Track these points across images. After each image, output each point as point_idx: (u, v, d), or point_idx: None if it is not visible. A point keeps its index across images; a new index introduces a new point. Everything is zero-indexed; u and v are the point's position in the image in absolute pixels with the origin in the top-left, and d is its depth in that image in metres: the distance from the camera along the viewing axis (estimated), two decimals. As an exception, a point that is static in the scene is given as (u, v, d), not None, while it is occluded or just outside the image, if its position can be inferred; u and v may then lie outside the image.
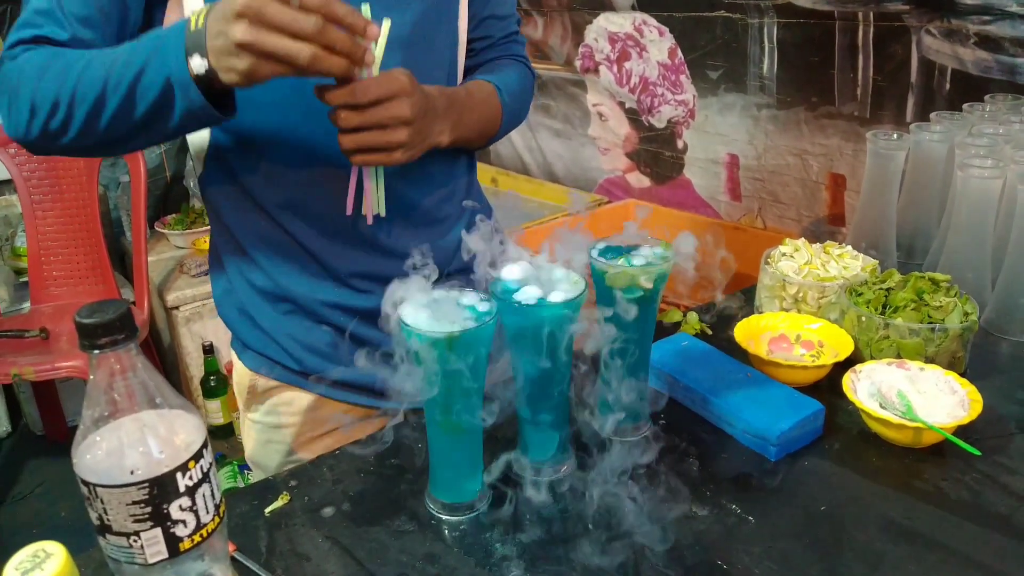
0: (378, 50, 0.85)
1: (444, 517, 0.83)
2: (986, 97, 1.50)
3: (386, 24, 0.84)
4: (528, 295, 0.80)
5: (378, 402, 1.02)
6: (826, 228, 2.10)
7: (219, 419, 2.66)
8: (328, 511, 0.85)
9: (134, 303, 2.45)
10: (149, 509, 0.60)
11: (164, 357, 2.72)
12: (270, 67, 0.74)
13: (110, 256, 2.58)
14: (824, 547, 0.79)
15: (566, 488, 0.87)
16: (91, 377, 0.61)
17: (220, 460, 2.42)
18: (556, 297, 0.80)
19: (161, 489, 0.60)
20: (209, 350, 2.56)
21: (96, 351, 0.59)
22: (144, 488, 0.59)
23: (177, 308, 2.53)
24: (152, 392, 0.61)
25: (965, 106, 1.45)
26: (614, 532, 0.80)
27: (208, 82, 0.76)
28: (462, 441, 0.82)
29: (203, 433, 0.63)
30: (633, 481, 0.88)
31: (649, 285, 0.85)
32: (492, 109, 1.03)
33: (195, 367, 2.61)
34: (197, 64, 0.76)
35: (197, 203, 3.02)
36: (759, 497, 0.86)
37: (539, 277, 0.83)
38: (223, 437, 2.67)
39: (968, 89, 1.73)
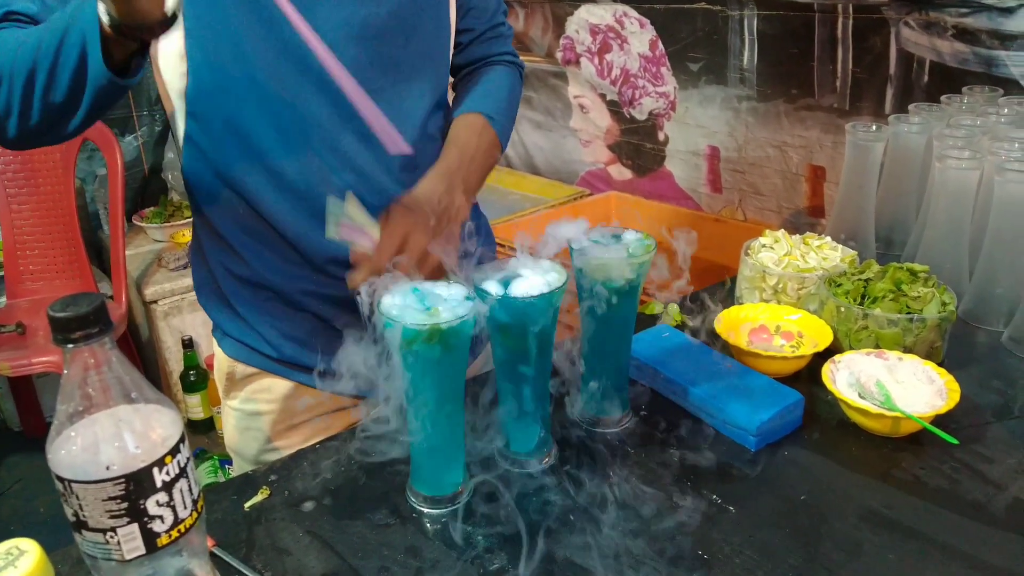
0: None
1: (426, 510, 0.83)
2: (964, 89, 1.51)
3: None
4: (509, 287, 0.80)
5: (358, 391, 1.01)
6: (806, 220, 2.11)
7: (199, 414, 2.64)
8: (308, 505, 0.84)
9: (112, 297, 2.42)
10: (125, 505, 0.59)
11: (143, 352, 2.70)
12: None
13: (87, 250, 2.55)
14: (804, 536, 0.79)
15: (547, 480, 0.87)
16: (65, 372, 0.60)
17: (201, 455, 2.40)
18: (536, 289, 0.80)
19: (137, 485, 0.59)
20: (188, 344, 2.54)
21: (70, 345, 0.58)
22: (120, 484, 0.58)
23: (156, 302, 2.51)
24: (128, 387, 0.61)
25: (943, 98, 1.46)
26: (595, 523, 0.81)
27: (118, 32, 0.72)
28: (444, 433, 0.81)
29: (180, 428, 0.63)
30: (614, 472, 0.88)
31: (632, 275, 0.85)
32: (491, 147, 1.05)
33: (174, 362, 2.59)
34: (101, 10, 0.72)
35: (175, 196, 2.99)
36: (739, 487, 0.86)
37: (520, 270, 0.82)
38: (203, 432, 2.66)
39: (946, 81, 1.74)
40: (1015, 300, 1.14)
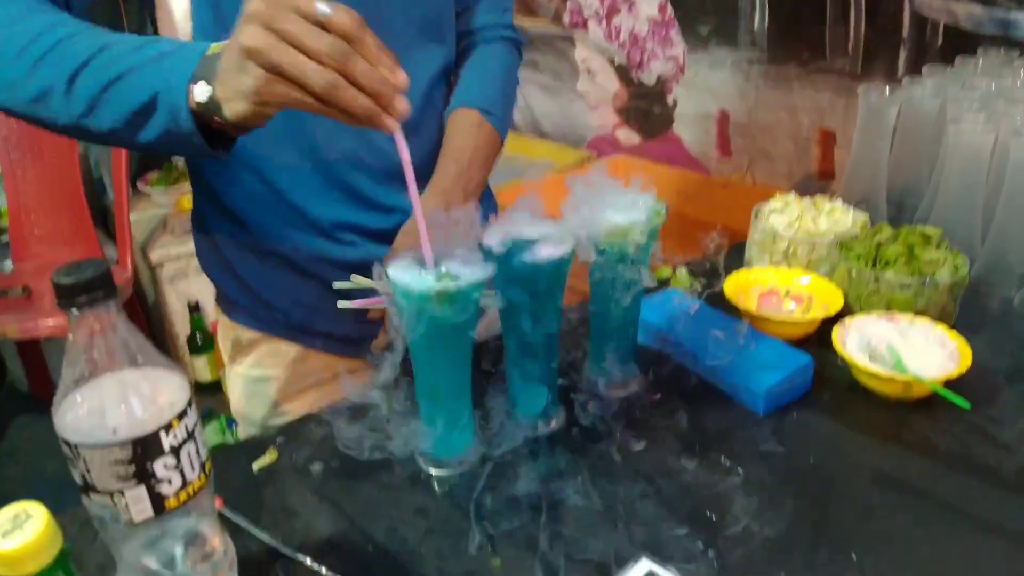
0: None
1: (434, 472, 0.83)
2: (978, 51, 1.48)
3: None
4: (520, 250, 0.79)
5: (366, 354, 1.01)
6: (816, 184, 2.08)
7: (206, 376, 2.66)
8: (317, 467, 0.84)
9: (117, 262, 2.42)
10: (133, 468, 0.59)
11: (149, 316, 2.70)
12: (281, 88, 0.61)
13: (92, 215, 2.54)
14: (813, 498, 0.79)
15: (556, 442, 0.87)
16: (70, 337, 0.59)
17: (208, 415, 2.41)
18: (547, 252, 0.79)
19: (145, 448, 0.59)
20: (195, 308, 2.54)
21: (75, 310, 0.58)
22: (127, 448, 0.58)
23: (161, 266, 2.50)
24: (133, 351, 0.60)
25: (958, 60, 1.43)
26: (603, 485, 0.80)
27: (209, 113, 0.67)
28: (452, 395, 0.81)
29: (187, 392, 0.62)
30: (621, 435, 0.88)
31: (642, 240, 0.84)
32: (490, 144, 1.01)
33: (181, 325, 2.60)
34: (200, 91, 0.66)
35: (179, 161, 2.97)
36: (748, 450, 0.86)
37: (527, 233, 0.81)
38: (210, 393, 2.67)
39: (960, 44, 1.71)
40: (1028, 264, 1.12)
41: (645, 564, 0.70)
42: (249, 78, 0.62)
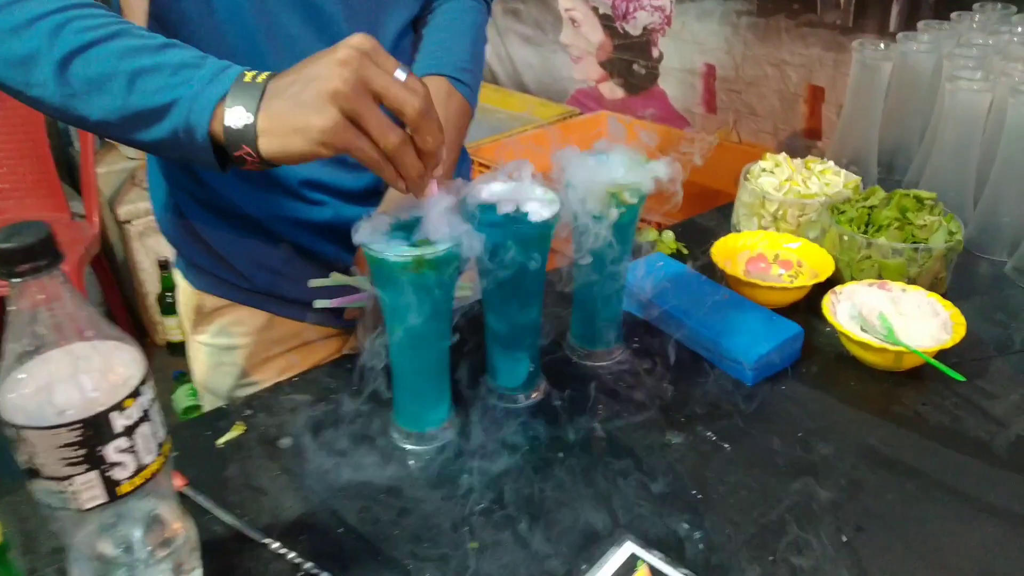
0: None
1: (409, 447, 0.79)
2: (974, 6, 1.43)
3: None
4: (499, 212, 0.75)
5: (338, 321, 0.96)
6: (802, 142, 2.04)
7: (178, 336, 2.60)
8: (285, 442, 0.80)
9: (83, 217, 2.35)
10: (83, 452, 0.54)
11: (118, 273, 2.63)
12: (351, 136, 0.61)
13: (58, 168, 2.45)
14: (801, 474, 0.76)
15: (537, 415, 0.83)
16: (12, 308, 0.54)
17: (180, 377, 2.36)
18: (529, 215, 0.74)
19: (95, 430, 0.54)
20: (165, 265, 2.47)
21: (16, 279, 0.53)
22: (76, 429, 0.54)
23: (130, 222, 2.43)
24: (82, 324, 0.55)
25: (953, 15, 1.38)
26: (585, 461, 0.77)
27: (235, 140, 0.64)
28: (428, 366, 0.77)
29: (142, 367, 0.58)
30: (605, 408, 0.84)
31: (633, 201, 0.79)
32: (461, 114, 0.95)
33: (151, 283, 2.53)
34: (237, 117, 0.63)
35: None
36: (735, 424, 0.83)
37: (513, 194, 0.77)
38: (182, 354, 2.59)
39: (954, -2, 1.66)
40: (1021, 229, 1.10)
41: (629, 547, 0.67)
42: (324, 119, 0.61)
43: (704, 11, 2.17)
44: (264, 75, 0.64)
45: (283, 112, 0.62)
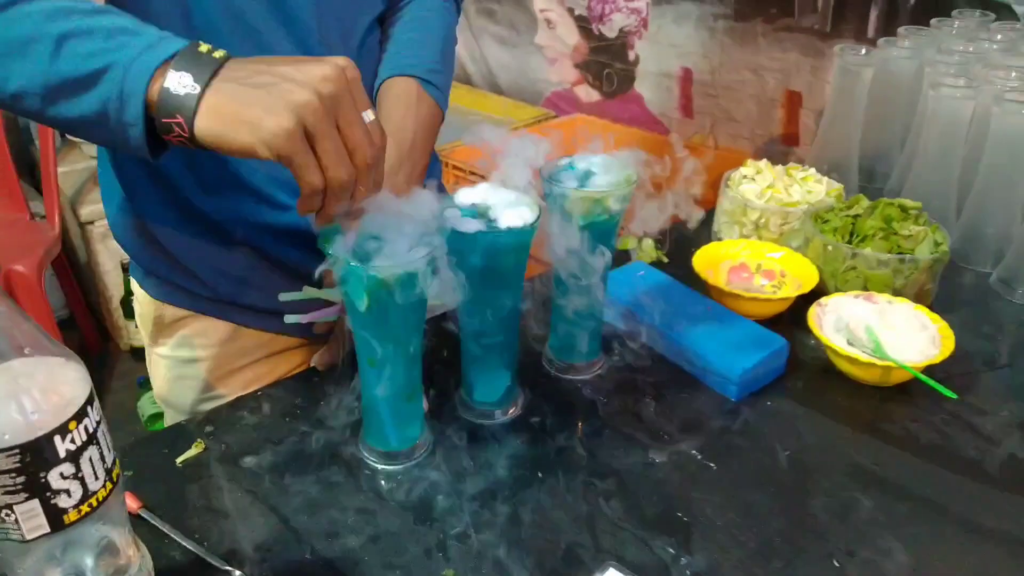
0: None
1: (380, 467, 0.75)
2: (954, 13, 1.42)
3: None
4: (474, 222, 0.71)
5: (306, 331, 0.92)
6: (779, 148, 2.02)
7: (143, 341, 2.53)
8: (249, 460, 0.76)
9: (44, 217, 2.27)
10: (23, 479, 0.50)
11: (80, 276, 2.55)
12: (300, 151, 0.57)
13: (17, 167, 2.37)
14: (789, 496, 0.74)
15: (514, 433, 0.80)
16: (-56, 322, 0.50)
17: (144, 384, 2.29)
18: (506, 224, 0.71)
19: (36, 456, 0.50)
20: (129, 268, 2.40)
21: (-54, 291, 0.48)
22: (14, 455, 0.49)
23: (92, 223, 2.35)
24: (19, 339, 0.51)
25: (933, 22, 1.37)
26: (566, 482, 0.74)
27: (168, 108, 0.58)
28: (399, 381, 0.73)
29: (87, 386, 0.53)
30: (586, 425, 0.81)
31: (616, 207, 0.76)
32: (431, 117, 0.91)
33: (114, 286, 2.46)
34: (181, 81, 0.57)
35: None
36: (720, 441, 0.80)
37: (489, 201, 0.73)
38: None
39: (931, 4, 1.65)
40: (1006, 239, 1.08)
41: (612, 574, 0.63)
42: (281, 123, 0.56)
43: (681, 14, 2.14)
44: (223, 52, 0.60)
45: (238, 99, 0.57)
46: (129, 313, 2.48)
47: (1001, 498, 0.74)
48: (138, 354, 2.54)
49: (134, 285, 0.94)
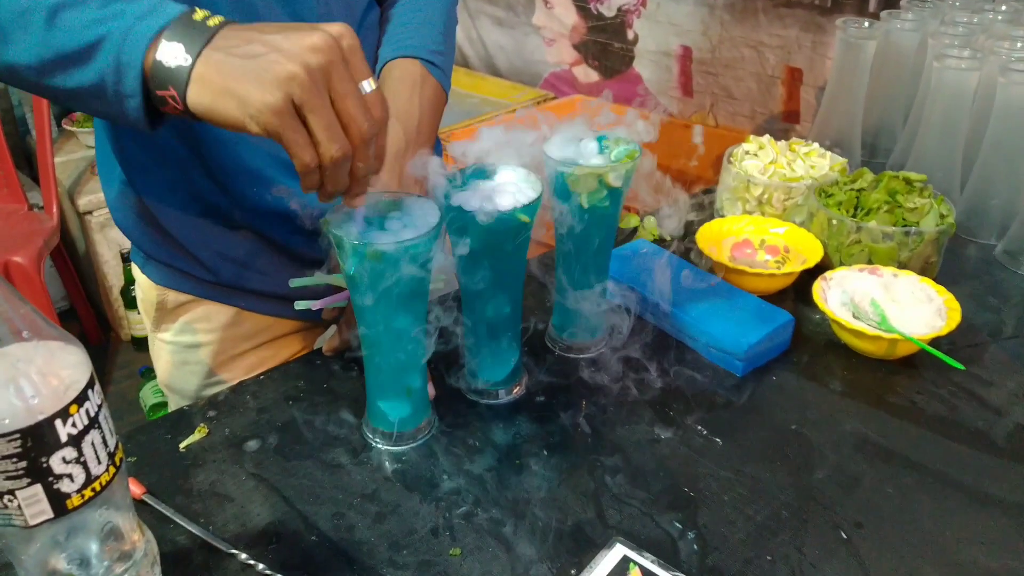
0: None
1: (384, 448, 0.75)
2: (957, -17, 1.40)
3: None
4: (478, 200, 0.70)
5: (308, 314, 0.92)
6: (780, 126, 2.01)
7: (143, 331, 2.52)
8: (252, 444, 0.75)
9: (42, 208, 2.26)
10: (24, 464, 0.50)
11: (80, 267, 2.55)
12: (290, 126, 0.55)
13: (14, 157, 2.36)
14: (796, 469, 0.73)
15: (518, 412, 0.79)
16: (-60, 306, 0.49)
17: (147, 373, 2.29)
18: (508, 203, 0.70)
19: (37, 440, 0.49)
20: (129, 257, 2.39)
21: (-58, 274, 0.47)
22: (15, 440, 0.49)
23: (91, 213, 2.35)
24: (19, 323, 0.50)
25: (936, -8, 1.35)
26: (572, 459, 0.74)
27: (162, 80, 0.57)
28: (402, 363, 0.73)
29: (87, 370, 0.53)
30: (590, 402, 0.81)
31: (618, 184, 0.75)
32: (435, 99, 0.89)
33: (114, 276, 2.45)
34: (172, 53, 0.56)
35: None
36: (726, 417, 0.80)
37: (490, 179, 0.73)
38: (148, 349, 2.54)
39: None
40: (1010, 211, 1.07)
41: (620, 550, 0.63)
42: (267, 97, 0.55)
43: (680, -9, 2.13)
44: (219, 19, 0.58)
45: (227, 70, 0.55)
46: (129, 303, 2.47)
47: (1008, 468, 0.73)
48: (139, 344, 2.54)
49: (135, 271, 0.94)
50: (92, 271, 2.49)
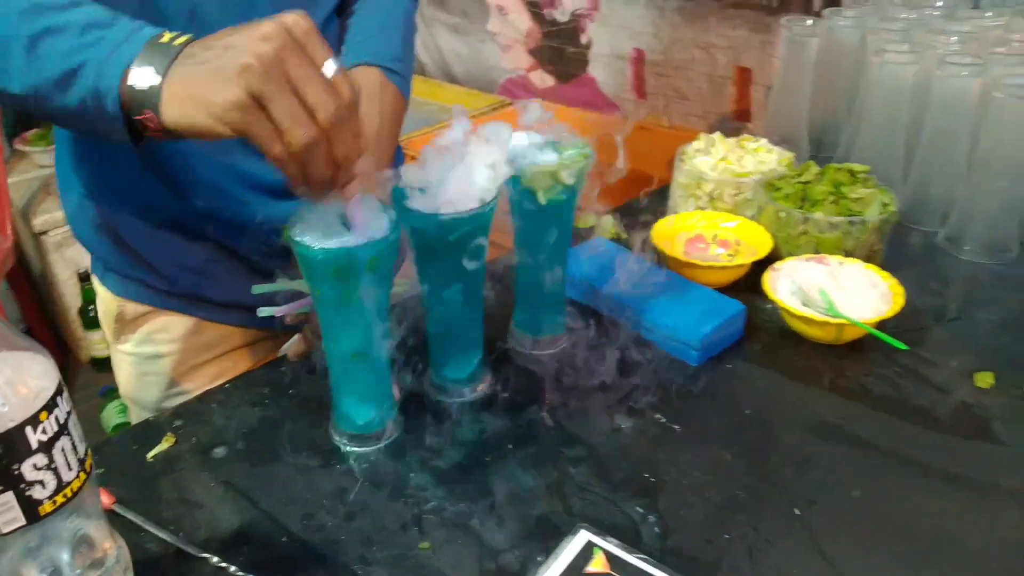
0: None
1: (351, 449, 0.76)
2: (895, -19, 1.46)
3: None
4: (435, 201, 0.72)
5: (268, 323, 0.93)
6: (732, 125, 2.06)
7: (103, 351, 2.50)
8: (220, 451, 0.76)
9: (-3, 228, 2.23)
10: (-5, 471, 0.50)
11: (36, 287, 2.51)
12: (255, 121, 0.55)
13: (-35, 177, 2.32)
14: (753, 452, 0.76)
15: (484, 408, 0.81)
16: (-95, 319, 0.50)
17: (109, 393, 2.27)
18: (466, 204, 0.72)
19: (8, 447, 0.50)
20: (86, 277, 2.37)
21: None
22: (-15, 448, 0.49)
23: (46, 233, 2.32)
24: (-16, 334, 0.51)
25: (875, -9, 1.40)
26: (536, 452, 0.76)
27: (138, 103, 0.58)
28: (366, 365, 0.74)
29: (55, 378, 0.54)
30: (553, 396, 0.83)
31: (571, 181, 0.78)
32: (396, 106, 0.90)
33: (71, 296, 2.42)
34: (142, 77, 0.58)
35: (61, 116, 2.75)
36: (683, 405, 0.82)
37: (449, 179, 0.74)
38: (109, 369, 2.48)
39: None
40: (951, 199, 1.11)
41: (584, 536, 0.65)
42: (226, 94, 0.55)
43: (631, -5, 2.17)
44: (185, 37, 0.59)
45: (190, 79, 0.57)
46: (88, 323, 2.45)
47: (953, 442, 0.77)
48: (99, 365, 2.51)
49: (95, 282, 0.94)
50: (49, 292, 2.46)
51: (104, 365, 2.51)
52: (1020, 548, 0.66)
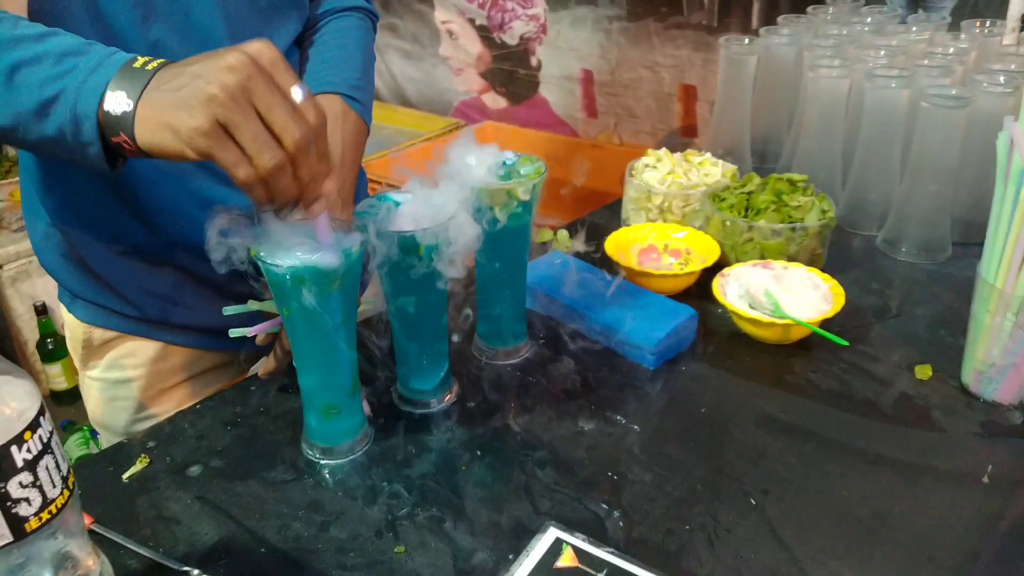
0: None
1: (324, 461, 0.79)
2: (827, 0, 1.53)
3: None
4: (397, 219, 0.75)
5: (235, 345, 0.95)
6: (680, 140, 2.13)
7: (62, 384, 2.46)
8: (195, 470, 0.78)
9: (-52, 265, 2.20)
10: (-19, 491, 0.52)
11: (-8, 322, 2.48)
12: (220, 146, 0.58)
13: (-86, 214, 2.29)
14: (708, 447, 0.80)
15: (451, 418, 0.84)
16: None
17: (69, 427, 2.24)
18: (428, 221, 0.75)
19: (-7, 467, 0.52)
20: (42, 310, 2.34)
21: None
22: (-28, 468, 0.51)
23: (1, 267, 2.29)
24: (-33, 359, 0.53)
25: (809, 9, 1.47)
26: (503, 457, 0.79)
27: (113, 127, 0.61)
28: (336, 380, 0.77)
29: (37, 399, 0.55)
30: (518, 403, 0.86)
31: (527, 197, 0.81)
32: (357, 133, 0.93)
33: (28, 331, 2.39)
34: (116, 102, 0.60)
35: (9, 149, 2.72)
36: (642, 406, 0.86)
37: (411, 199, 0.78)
38: (69, 403, 2.48)
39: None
40: (887, 204, 1.18)
41: (552, 533, 0.68)
42: (194, 121, 0.57)
43: (577, 18, 2.23)
44: (157, 62, 0.61)
45: (160, 105, 0.59)
46: (46, 357, 2.42)
47: (895, 431, 0.82)
48: (59, 398, 2.47)
49: (62, 311, 0.95)
50: (5, 327, 2.42)
51: (64, 398, 2.48)
52: (953, 524, 0.70)
